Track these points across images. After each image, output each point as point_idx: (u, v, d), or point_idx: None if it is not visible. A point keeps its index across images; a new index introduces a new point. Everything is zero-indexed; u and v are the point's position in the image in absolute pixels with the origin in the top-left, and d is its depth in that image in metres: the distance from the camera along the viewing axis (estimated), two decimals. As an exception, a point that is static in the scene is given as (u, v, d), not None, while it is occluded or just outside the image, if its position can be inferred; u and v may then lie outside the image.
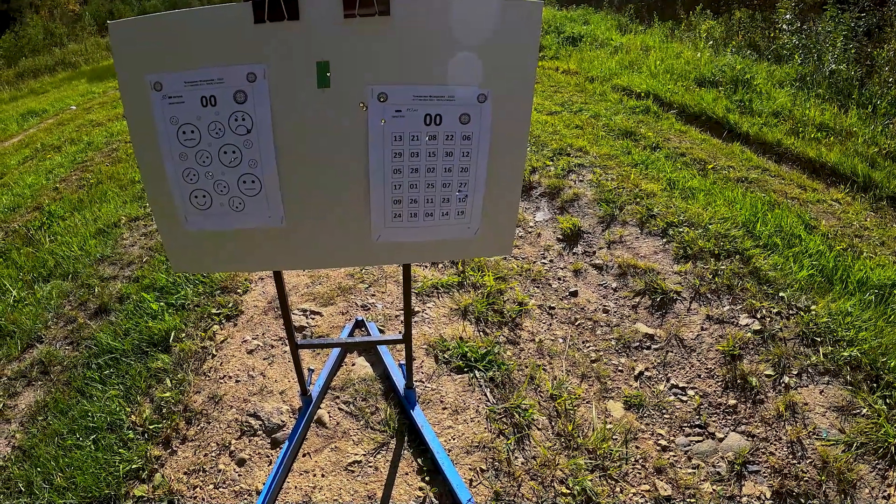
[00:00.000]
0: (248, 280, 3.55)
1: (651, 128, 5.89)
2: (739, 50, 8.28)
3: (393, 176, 1.41)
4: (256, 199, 1.42)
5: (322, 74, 1.30)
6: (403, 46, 1.29)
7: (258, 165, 1.37)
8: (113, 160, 6.12)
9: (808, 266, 3.29)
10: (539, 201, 4.42)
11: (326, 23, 1.26)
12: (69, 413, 2.65)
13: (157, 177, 1.41)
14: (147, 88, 1.32)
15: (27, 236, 4.46)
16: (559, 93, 7.39)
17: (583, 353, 2.88)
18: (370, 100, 1.32)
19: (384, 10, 1.25)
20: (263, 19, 1.25)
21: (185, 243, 1.52)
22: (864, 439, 2.31)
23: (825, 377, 2.62)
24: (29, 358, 3.09)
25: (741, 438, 2.40)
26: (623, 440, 2.41)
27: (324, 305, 3.30)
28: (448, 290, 3.36)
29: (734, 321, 2.98)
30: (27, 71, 13.85)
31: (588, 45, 9.89)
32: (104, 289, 3.57)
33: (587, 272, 3.53)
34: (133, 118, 1.36)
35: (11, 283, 3.77)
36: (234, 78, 1.30)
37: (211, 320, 3.19)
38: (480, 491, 2.22)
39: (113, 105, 8.98)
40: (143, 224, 4.44)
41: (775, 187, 4.48)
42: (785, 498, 2.15)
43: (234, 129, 1.34)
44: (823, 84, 6.52)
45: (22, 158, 6.82)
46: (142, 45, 1.29)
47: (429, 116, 1.35)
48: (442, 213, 1.48)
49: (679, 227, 3.79)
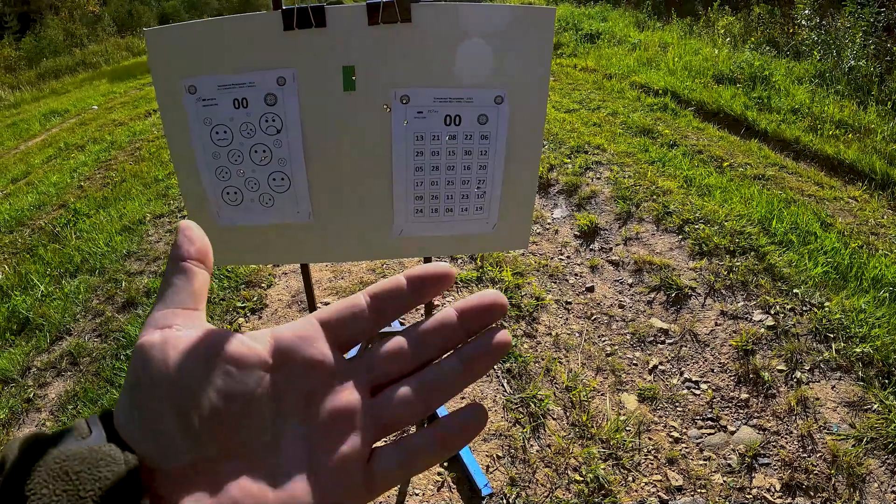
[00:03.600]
0: (271, 275, 3.63)
1: (669, 125, 5.90)
2: (758, 46, 8.23)
3: (415, 173, 1.47)
4: (285, 195, 1.49)
5: (348, 78, 1.37)
6: (424, 51, 1.35)
7: (287, 164, 1.44)
8: (136, 159, 6.22)
9: (822, 263, 3.32)
10: (557, 198, 4.47)
11: (352, 29, 1.32)
12: (99, 402, 2.73)
13: (191, 174, 1.48)
14: (182, 91, 1.38)
15: (53, 233, 4.57)
16: (577, 90, 7.40)
17: (598, 346, 2.93)
18: (393, 102, 1.39)
19: (406, 17, 1.31)
20: (293, 26, 1.32)
21: (216, 238, 1.59)
22: (875, 434, 2.34)
23: (837, 373, 2.66)
24: (58, 350, 3.19)
25: (752, 432, 2.44)
26: (636, 431, 2.46)
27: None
28: (467, 285, 3.42)
29: (748, 317, 3.02)
30: (48, 71, 13.98)
31: (606, 42, 9.87)
32: (131, 283, 3.67)
33: (603, 268, 3.58)
34: (168, 119, 1.43)
35: (39, 278, 3.87)
36: (265, 81, 1.36)
37: (236, 313, 3.27)
38: (497, 477, 2.28)
39: (134, 105, 9.09)
40: (167, 221, 4.54)
41: (792, 184, 4.48)
42: (794, 490, 2.19)
43: (265, 130, 1.41)
44: (842, 80, 6.48)
45: (46, 157, 6.93)
46: (176, 50, 1.35)
47: (448, 117, 1.41)
48: (461, 208, 1.54)
49: (695, 224, 3.82)
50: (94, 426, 0.34)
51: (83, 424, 0.34)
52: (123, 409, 0.34)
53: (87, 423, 0.34)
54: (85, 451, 0.32)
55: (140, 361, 0.34)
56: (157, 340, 0.35)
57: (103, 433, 0.34)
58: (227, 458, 0.35)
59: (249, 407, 0.36)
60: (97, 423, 0.34)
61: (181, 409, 0.34)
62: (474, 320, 0.39)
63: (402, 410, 0.38)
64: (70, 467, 0.31)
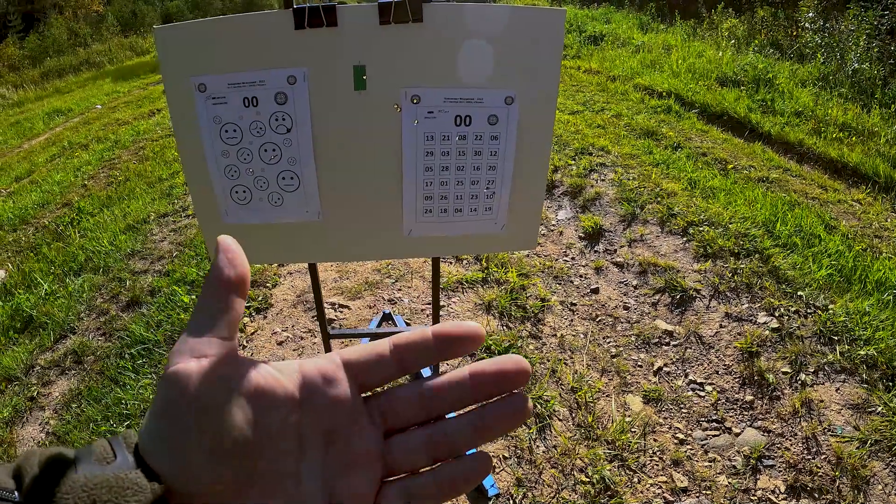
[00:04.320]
0: (276, 274, 3.64)
1: (672, 127, 5.90)
2: (762, 49, 8.24)
3: (425, 173, 1.47)
4: (295, 194, 1.49)
5: (359, 78, 1.36)
6: (435, 51, 1.35)
7: (297, 163, 1.44)
8: (140, 158, 6.23)
9: (826, 266, 3.32)
10: (561, 200, 4.47)
11: (363, 29, 1.32)
12: (103, 401, 2.74)
13: (200, 172, 1.48)
14: (191, 90, 1.38)
15: (57, 232, 4.58)
16: (581, 92, 7.41)
17: (603, 348, 2.94)
18: (404, 102, 1.39)
19: (417, 17, 1.31)
20: (304, 25, 1.32)
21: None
22: (879, 437, 2.35)
23: (841, 375, 2.66)
24: (62, 348, 3.19)
25: (757, 433, 2.44)
26: (641, 433, 2.46)
27: (351, 299, 3.38)
28: (472, 286, 3.42)
29: (752, 319, 3.02)
30: (52, 71, 14.02)
31: (610, 44, 9.88)
32: (135, 282, 3.67)
33: (608, 270, 3.58)
34: (177, 117, 1.43)
35: (43, 276, 3.88)
36: (275, 80, 1.36)
37: (240, 313, 3.27)
38: (503, 477, 2.28)
39: (138, 104, 9.10)
40: (171, 220, 4.54)
41: (796, 187, 4.49)
42: (799, 492, 2.19)
43: (275, 129, 1.41)
44: (846, 83, 6.49)
45: (50, 156, 6.95)
46: (186, 49, 1.35)
47: (459, 118, 1.41)
48: (470, 208, 1.54)
49: (699, 226, 3.82)
50: (118, 449, 0.35)
51: (105, 446, 0.35)
52: (150, 435, 0.35)
53: (110, 445, 0.35)
54: (112, 479, 0.32)
55: (172, 389, 0.35)
56: (191, 370, 0.35)
57: (128, 458, 0.34)
58: (251, 486, 0.36)
59: (275, 439, 0.37)
60: (121, 447, 0.35)
61: (211, 440, 0.35)
62: (492, 385, 0.40)
63: (409, 457, 0.41)
64: (98, 496, 0.31)
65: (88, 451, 0.34)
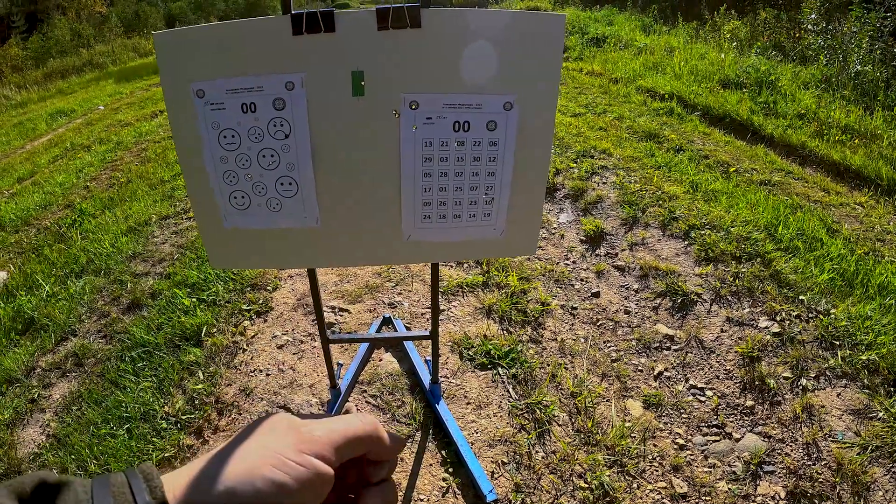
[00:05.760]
0: (277, 278, 3.64)
1: (675, 130, 5.90)
2: (764, 51, 8.23)
3: (423, 179, 1.47)
4: (293, 200, 1.48)
5: (357, 83, 1.36)
6: (434, 57, 1.34)
7: (295, 168, 1.44)
8: (142, 160, 6.24)
9: (828, 270, 3.31)
10: (563, 203, 4.47)
11: (361, 35, 1.32)
12: (103, 403, 2.74)
13: (199, 178, 1.48)
14: (190, 95, 1.38)
15: (59, 233, 4.58)
16: (583, 94, 7.41)
17: (603, 352, 2.93)
18: (402, 107, 1.38)
19: (416, 22, 1.31)
20: (301, 31, 1.31)
21: (223, 241, 1.59)
22: (880, 442, 2.33)
23: (842, 380, 2.65)
24: (63, 350, 3.19)
25: (757, 439, 2.43)
26: (641, 438, 2.45)
27: (352, 303, 3.37)
28: (473, 290, 3.42)
29: (754, 324, 3.01)
30: (55, 71, 14.06)
31: (612, 46, 9.88)
32: (136, 285, 3.67)
33: (609, 273, 3.57)
34: (176, 123, 1.43)
35: (44, 278, 3.88)
36: (273, 86, 1.36)
37: (241, 316, 3.28)
38: (502, 483, 2.28)
39: (140, 105, 9.12)
40: (173, 222, 4.55)
41: (798, 190, 4.48)
42: (799, 498, 2.18)
43: (273, 135, 1.40)
44: (849, 85, 6.48)
45: (52, 157, 6.96)
46: (185, 54, 1.35)
47: (457, 123, 1.40)
48: (469, 214, 1.54)
49: (701, 230, 3.81)
50: (138, 493, 0.35)
51: (124, 486, 0.35)
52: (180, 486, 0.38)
53: (129, 486, 0.35)
54: None
55: None
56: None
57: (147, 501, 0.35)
58: None
59: None
60: (142, 490, 0.36)
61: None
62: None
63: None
64: None
65: (103, 484, 0.35)
